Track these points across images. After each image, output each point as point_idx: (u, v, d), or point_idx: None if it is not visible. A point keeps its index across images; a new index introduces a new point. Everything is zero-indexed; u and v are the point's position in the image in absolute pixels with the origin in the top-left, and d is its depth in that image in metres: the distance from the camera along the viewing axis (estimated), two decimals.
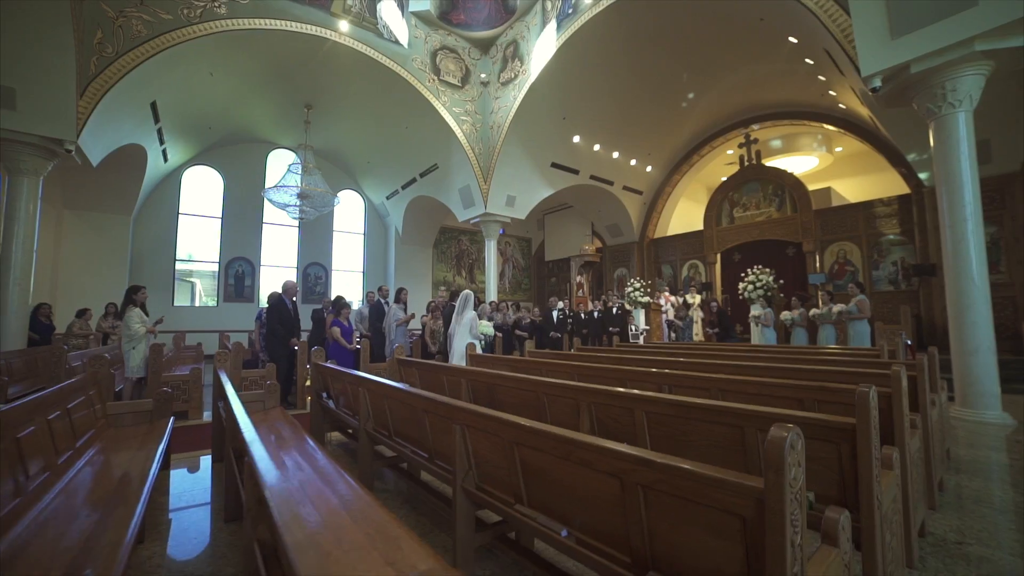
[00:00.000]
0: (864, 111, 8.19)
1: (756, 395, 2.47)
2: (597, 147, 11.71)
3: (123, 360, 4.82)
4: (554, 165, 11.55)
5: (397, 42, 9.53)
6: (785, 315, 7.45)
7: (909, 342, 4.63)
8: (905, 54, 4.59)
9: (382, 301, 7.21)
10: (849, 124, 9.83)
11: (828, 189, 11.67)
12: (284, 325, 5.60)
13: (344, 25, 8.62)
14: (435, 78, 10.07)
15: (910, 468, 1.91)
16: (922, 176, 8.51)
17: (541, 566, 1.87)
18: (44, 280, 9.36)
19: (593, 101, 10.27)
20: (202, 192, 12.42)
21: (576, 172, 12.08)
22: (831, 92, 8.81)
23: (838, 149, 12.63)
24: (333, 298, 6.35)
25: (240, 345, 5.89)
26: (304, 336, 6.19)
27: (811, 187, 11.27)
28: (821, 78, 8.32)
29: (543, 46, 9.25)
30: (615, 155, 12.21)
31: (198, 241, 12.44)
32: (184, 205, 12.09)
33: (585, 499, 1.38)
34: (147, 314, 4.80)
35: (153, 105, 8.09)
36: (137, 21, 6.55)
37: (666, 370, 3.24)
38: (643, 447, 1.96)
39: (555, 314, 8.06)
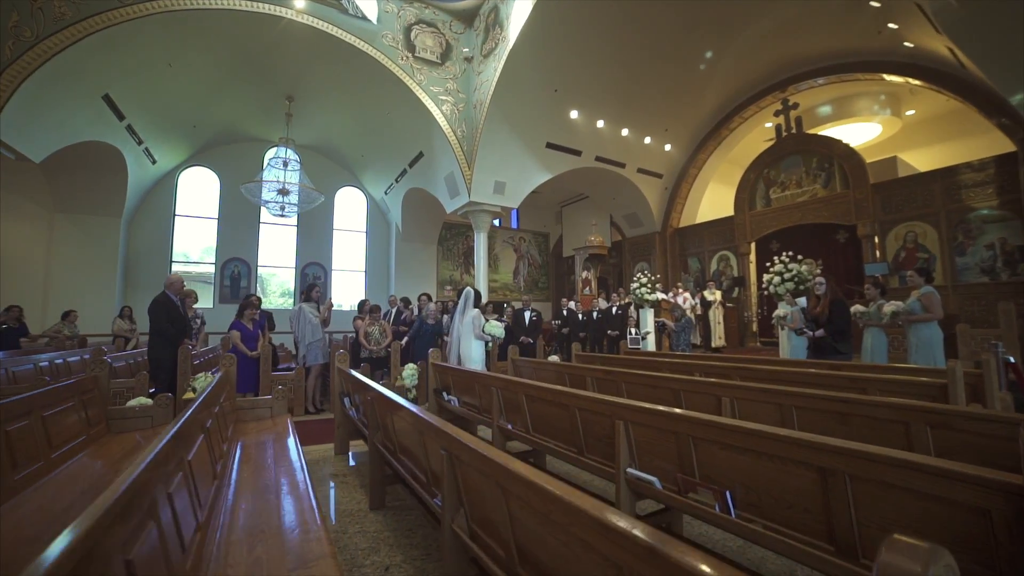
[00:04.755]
0: (941, 43, 6.13)
1: None
2: (600, 123, 10.21)
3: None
4: (550, 146, 10.19)
5: (364, 17, 8.68)
6: None
7: (1011, 359, 2.88)
8: None
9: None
10: (919, 70, 7.59)
11: (893, 159, 9.32)
12: (175, 325, 4.80)
13: (300, 1, 7.89)
14: (409, 55, 9.12)
15: None
16: None
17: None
18: (36, 283, 9.48)
19: (588, 68, 8.82)
20: (200, 193, 12.35)
21: (578, 153, 10.63)
22: (890, 25, 6.78)
23: (909, 112, 10.20)
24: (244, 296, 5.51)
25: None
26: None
27: (870, 160, 9.03)
28: (874, 3, 6.36)
29: (522, 4, 7.98)
30: (624, 132, 10.62)
31: (195, 242, 12.40)
32: (181, 207, 12.07)
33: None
34: None
35: (108, 99, 7.78)
36: (60, 2, 6.12)
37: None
38: None
39: (527, 315, 6.75)
